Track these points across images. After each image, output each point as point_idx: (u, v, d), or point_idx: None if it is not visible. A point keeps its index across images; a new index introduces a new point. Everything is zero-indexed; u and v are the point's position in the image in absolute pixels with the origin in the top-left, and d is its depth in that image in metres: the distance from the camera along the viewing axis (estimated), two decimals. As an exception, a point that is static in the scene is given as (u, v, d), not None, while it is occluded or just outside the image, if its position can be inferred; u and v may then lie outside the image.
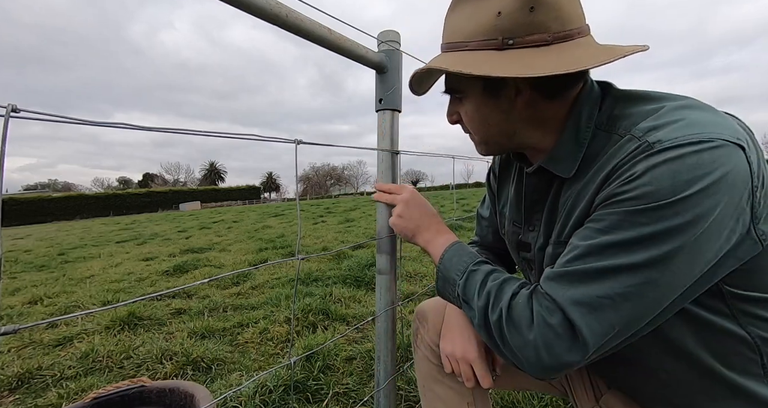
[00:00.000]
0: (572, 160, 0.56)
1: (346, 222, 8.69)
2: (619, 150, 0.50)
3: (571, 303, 0.47)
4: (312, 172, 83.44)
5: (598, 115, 0.56)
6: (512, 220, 0.75)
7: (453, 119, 0.66)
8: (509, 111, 0.58)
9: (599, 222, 0.48)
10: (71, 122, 0.43)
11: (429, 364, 0.80)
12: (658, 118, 0.49)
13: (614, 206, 0.47)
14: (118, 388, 0.92)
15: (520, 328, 0.50)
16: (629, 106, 0.54)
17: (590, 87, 0.58)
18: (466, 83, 0.59)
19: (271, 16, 0.63)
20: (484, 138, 0.63)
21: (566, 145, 0.57)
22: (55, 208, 47.30)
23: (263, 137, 0.67)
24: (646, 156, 0.45)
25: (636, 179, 0.45)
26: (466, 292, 0.60)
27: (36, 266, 5.95)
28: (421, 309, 0.86)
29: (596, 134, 0.55)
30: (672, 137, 0.45)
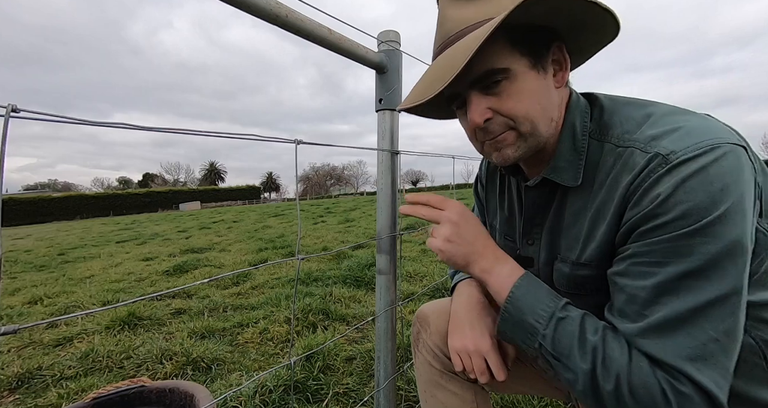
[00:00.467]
0: (575, 169, 0.56)
1: (346, 222, 8.69)
2: (627, 163, 0.49)
3: (686, 361, 0.43)
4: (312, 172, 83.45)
5: (590, 124, 0.57)
6: (504, 233, 0.74)
7: (486, 117, 0.54)
8: (552, 91, 0.56)
9: (650, 254, 0.46)
10: (71, 122, 0.43)
11: (431, 368, 0.79)
12: (653, 126, 0.50)
13: (658, 233, 0.45)
14: (118, 388, 0.92)
15: (649, 401, 0.44)
16: (616, 114, 0.55)
17: (576, 97, 0.59)
18: (512, 59, 0.51)
19: (271, 16, 0.63)
20: (533, 127, 0.54)
21: (566, 154, 0.56)
22: (55, 208, 47.31)
23: (263, 137, 0.67)
24: (668, 170, 0.45)
25: (668, 198, 0.44)
26: (557, 347, 0.50)
27: (36, 266, 5.95)
28: (423, 312, 0.85)
29: (591, 144, 0.56)
30: (683, 147, 0.45)
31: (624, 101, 0.57)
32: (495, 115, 0.54)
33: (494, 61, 0.51)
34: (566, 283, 0.60)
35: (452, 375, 0.78)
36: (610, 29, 0.52)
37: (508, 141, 0.55)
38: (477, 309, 0.71)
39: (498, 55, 0.51)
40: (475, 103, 0.54)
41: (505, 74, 0.51)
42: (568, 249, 0.59)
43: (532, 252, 0.66)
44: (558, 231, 0.61)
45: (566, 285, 0.60)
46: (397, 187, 0.98)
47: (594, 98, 0.59)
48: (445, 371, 0.78)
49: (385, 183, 0.96)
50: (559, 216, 0.60)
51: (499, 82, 0.52)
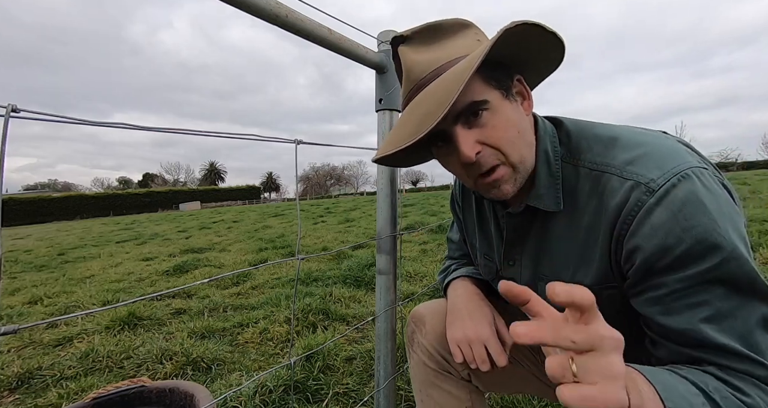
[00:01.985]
0: (554, 194, 0.58)
1: (346, 222, 8.69)
2: (606, 188, 0.53)
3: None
4: (312, 172, 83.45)
5: (559, 148, 0.60)
6: (483, 252, 0.76)
7: (477, 150, 0.54)
8: (524, 117, 0.58)
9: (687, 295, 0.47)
10: (71, 122, 0.43)
11: (426, 369, 0.79)
12: (622, 149, 0.54)
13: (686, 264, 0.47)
14: (118, 388, 0.92)
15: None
16: (583, 137, 0.59)
17: (542, 123, 0.62)
18: (487, 92, 0.54)
19: (271, 16, 0.63)
20: (520, 155, 0.56)
21: (544, 180, 0.59)
22: (55, 208, 47.32)
23: (263, 137, 0.67)
24: (657, 201, 0.48)
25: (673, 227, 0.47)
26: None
27: (36, 266, 5.95)
28: (417, 312, 0.85)
29: (565, 167, 0.58)
30: (660, 174, 0.49)
31: (586, 124, 0.61)
32: (483, 147, 0.54)
33: (473, 94, 0.52)
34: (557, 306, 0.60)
35: (447, 375, 0.78)
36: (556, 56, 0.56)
37: (505, 177, 0.56)
38: (475, 300, 0.74)
39: (476, 88, 0.53)
40: (463, 137, 0.53)
41: (486, 106, 0.53)
42: (556, 271, 0.61)
43: (513, 272, 0.68)
44: (540, 253, 0.63)
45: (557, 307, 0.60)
46: (397, 187, 0.98)
47: (558, 122, 0.62)
48: (440, 371, 0.78)
49: (385, 183, 0.96)
50: (542, 239, 0.62)
51: (480, 114, 0.53)
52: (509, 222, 0.66)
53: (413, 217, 8.02)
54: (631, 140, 0.55)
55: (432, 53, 0.56)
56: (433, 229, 5.38)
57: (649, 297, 0.51)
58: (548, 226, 0.61)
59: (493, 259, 0.73)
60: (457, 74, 0.49)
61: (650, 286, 0.50)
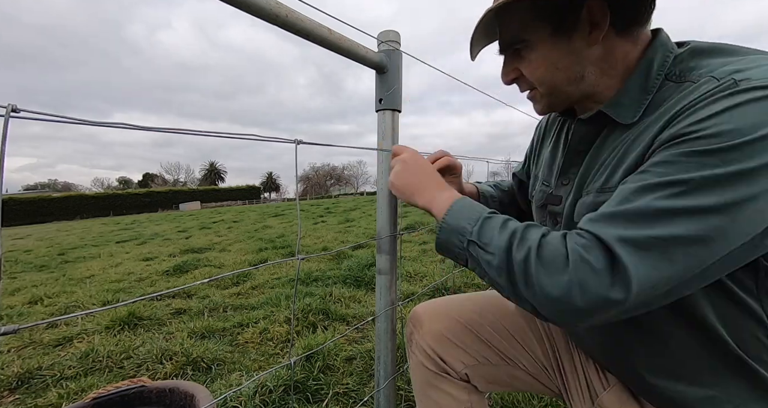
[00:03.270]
0: (636, 107, 0.53)
1: (346, 222, 8.69)
2: (693, 91, 0.46)
3: (617, 240, 0.41)
4: (312, 172, 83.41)
5: (671, 66, 0.53)
6: (542, 180, 0.74)
7: (510, 78, 0.63)
8: (581, 51, 0.56)
9: (659, 165, 0.43)
10: (71, 122, 0.43)
11: (424, 370, 0.79)
12: (741, 62, 0.46)
13: (679, 146, 0.42)
14: (118, 388, 0.92)
15: (551, 266, 0.44)
16: (707, 57, 0.51)
17: (666, 38, 0.56)
18: (532, 29, 0.56)
19: (271, 16, 0.63)
20: (550, 88, 0.59)
21: (632, 92, 0.54)
22: (55, 208, 47.29)
23: (263, 137, 0.67)
24: (730, 94, 0.42)
25: (712, 117, 0.41)
26: (481, 235, 0.53)
27: (36, 266, 5.95)
28: (416, 312, 0.85)
29: (664, 85, 0.53)
30: (763, 76, 0.42)
31: (723, 46, 0.52)
32: (520, 75, 0.62)
33: (514, 31, 0.58)
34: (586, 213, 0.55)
35: (446, 376, 0.77)
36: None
37: (536, 98, 0.64)
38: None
39: (518, 26, 0.57)
40: (505, 64, 0.63)
41: (524, 44, 0.58)
42: (596, 180, 0.57)
43: (564, 192, 0.65)
44: (593, 167, 0.59)
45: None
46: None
47: (687, 43, 0.56)
48: (438, 372, 0.78)
49: (385, 183, 0.96)
50: (599, 152, 0.59)
51: (521, 49, 0.59)
52: (577, 131, 0.63)
53: (413, 217, 8.02)
54: (759, 58, 0.46)
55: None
56: (433, 229, 5.37)
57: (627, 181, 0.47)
58: (607, 140, 0.57)
59: (549, 184, 0.71)
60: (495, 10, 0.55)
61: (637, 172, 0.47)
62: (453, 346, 0.78)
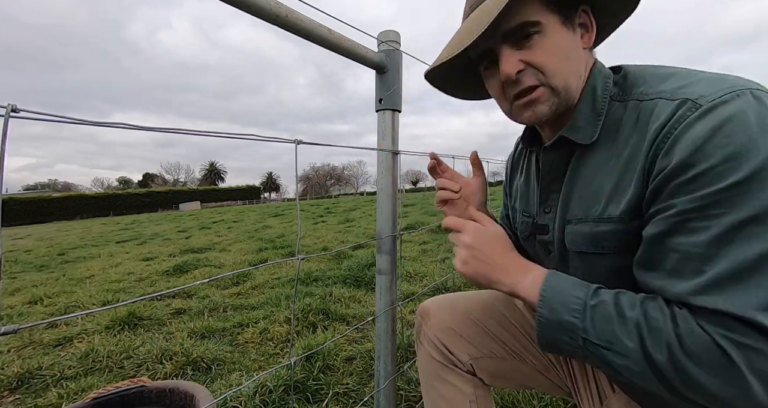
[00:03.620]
0: (592, 128, 0.56)
1: (346, 222, 8.69)
2: (653, 112, 0.48)
3: (758, 309, 0.39)
4: (312, 172, 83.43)
5: (612, 88, 0.57)
6: (522, 210, 0.74)
7: (519, 68, 0.54)
8: (581, 50, 0.57)
9: (701, 209, 0.42)
10: (71, 122, 0.43)
11: (432, 361, 0.80)
12: (678, 79, 0.49)
13: (703, 182, 0.42)
14: (118, 388, 0.92)
15: (712, 364, 0.40)
16: (639, 75, 0.55)
17: (601, 66, 0.59)
18: (544, 14, 0.53)
19: (271, 16, 0.63)
20: (564, 80, 0.55)
21: (584, 114, 0.57)
22: (55, 208, 47.31)
23: (263, 137, 0.67)
24: (700, 115, 0.43)
25: (705, 143, 0.42)
26: (601, 335, 0.46)
27: (36, 266, 5.95)
28: (425, 306, 0.87)
29: (612, 105, 0.56)
30: (712, 91, 0.44)
31: (651, 66, 0.57)
32: (527, 67, 0.54)
33: (527, 14, 0.52)
34: (584, 243, 0.58)
35: (453, 368, 0.79)
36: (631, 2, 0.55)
37: (543, 98, 0.56)
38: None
39: (530, 8, 0.52)
40: (507, 56, 0.54)
41: (538, 28, 0.53)
42: (587, 208, 0.57)
43: (548, 220, 0.65)
44: (574, 193, 0.60)
45: (583, 244, 0.58)
46: (397, 187, 0.98)
47: (619, 68, 0.60)
48: (446, 364, 0.79)
49: (385, 183, 0.96)
50: (576, 177, 0.59)
51: (531, 36, 0.53)
52: (545, 161, 0.64)
53: (413, 217, 8.02)
54: (693, 73, 0.50)
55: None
56: (433, 229, 5.38)
57: (655, 221, 0.46)
58: (585, 163, 0.58)
59: (531, 214, 0.71)
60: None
61: (660, 209, 0.46)
62: (459, 338, 0.79)
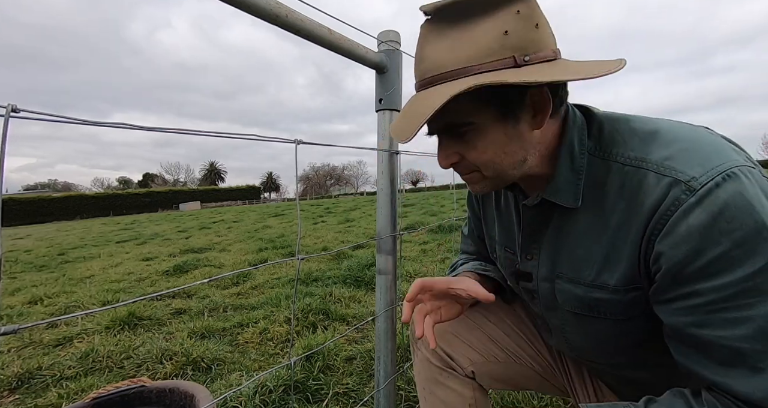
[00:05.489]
0: (574, 190, 0.56)
1: (346, 222, 8.69)
2: (642, 186, 0.49)
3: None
4: (312, 172, 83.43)
5: (588, 141, 0.56)
6: (504, 245, 0.74)
7: (451, 161, 0.58)
8: (525, 135, 0.54)
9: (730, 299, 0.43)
10: (71, 122, 0.43)
11: (430, 365, 0.79)
12: (660, 145, 0.50)
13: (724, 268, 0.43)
14: (118, 388, 0.92)
15: None
16: (616, 130, 0.55)
17: (573, 114, 0.58)
18: (477, 112, 0.52)
19: (271, 16, 0.63)
20: (496, 172, 0.56)
21: (564, 175, 0.56)
22: (55, 208, 47.32)
23: (263, 137, 0.67)
24: (698, 201, 0.44)
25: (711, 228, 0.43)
26: None
27: (36, 266, 5.95)
28: None
29: (591, 161, 0.55)
30: (702, 172, 0.45)
31: (622, 116, 0.57)
32: (461, 158, 0.57)
33: (457, 116, 0.52)
34: (578, 305, 0.59)
35: (451, 372, 0.78)
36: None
37: (475, 179, 0.59)
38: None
39: (463, 109, 0.52)
40: (444, 147, 0.58)
41: (471, 126, 0.53)
42: (576, 270, 0.58)
43: (530, 267, 0.66)
44: (559, 249, 0.60)
45: (578, 306, 0.60)
46: (397, 187, 0.98)
47: (590, 114, 0.59)
48: (444, 368, 0.78)
49: (385, 183, 0.96)
50: (560, 235, 0.60)
51: (465, 132, 0.54)
52: (526, 214, 0.64)
53: (413, 217, 8.02)
54: (671, 134, 0.51)
55: (445, 47, 0.51)
56: (433, 229, 5.38)
57: (681, 306, 0.47)
58: (568, 222, 0.58)
59: (514, 251, 0.71)
60: (434, 102, 0.48)
61: (681, 295, 0.47)
62: (460, 342, 0.78)
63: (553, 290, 0.62)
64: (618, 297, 0.54)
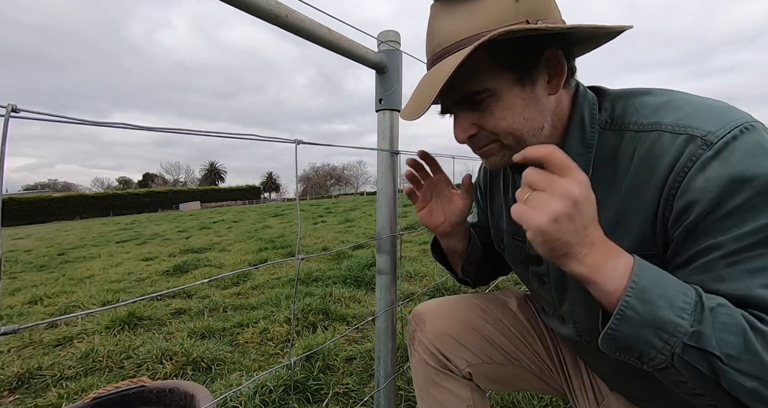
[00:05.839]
0: (584, 162, 0.55)
1: (346, 222, 8.69)
2: (656, 145, 0.48)
3: None
4: (312, 172, 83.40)
5: (599, 116, 0.56)
6: (512, 233, 0.72)
7: (469, 133, 0.56)
8: (542, 100, 0.54)
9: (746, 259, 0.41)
10: (71, 122, 0.43)
11: (427, 367, 0.79)
12: (674, 109, 0.49)
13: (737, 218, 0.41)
14: (118, 388, 0.92)
15: None
16: (629, 103, 0.54)
17: (584, 91, 0.58)
18: (494, 77, 0.51)
19: (271, 16, 0.63)
20: (516, 140, 0.54)
21: (575, 148, 0.55)
22: (55, 208, 47.32)
23: (263, 137, 0.67)
24: (715, 153, 0.43)
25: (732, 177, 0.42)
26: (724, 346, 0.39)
27: (36, 266, 5.95)
28: (418, 311, 0.85)
29: (603, 134, 0.55)
30: (718, 127, 0.44)
31: (634, 90, 0.57)
32: (479, 130, 0.56)
33: (473, 83, 0.52)
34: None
35: (449, 373, 0.78)
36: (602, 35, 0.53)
37: (493, 151, 0.57)
38: None
39: (478, 76, 0.51)
40: (460, 119, 0.56)
41: (487, 93, 0.52)
42: None
43: None
44: None
45: None
46: (397, 187, 0.98)
47: (601, 90, 0.59)
48: (441, 369, 0.78)
49: (385, 183, 0.96)
50: None
51: (483, 101, 0.53)
52: None
53: (413, 217, 8.02)
54: (683, 100, 0.50)
55: (456, 19, 0.52)
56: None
57: (699, 264, 0.44)
58: None
59: (522, 238, 0.69)
60: (451, 66, 0.47)
61: (700, 252, 0.44)
62: (457, 344, 0.78)
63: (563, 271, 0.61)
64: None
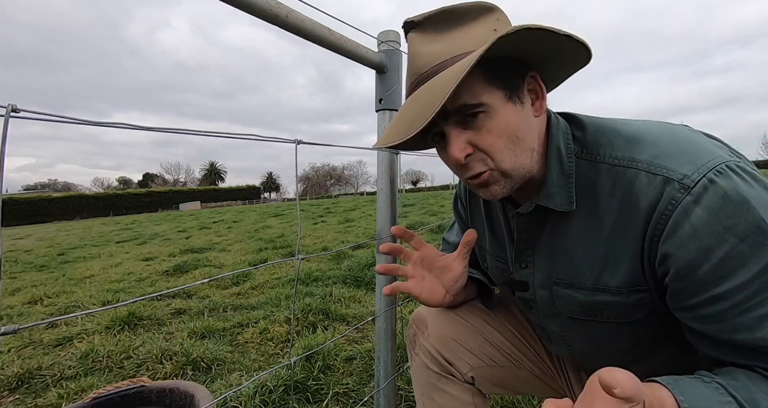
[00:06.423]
0: (566, 193, 0.55)
1: (346, 222, 8.69)
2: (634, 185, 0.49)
3: None
4: (312, 172, 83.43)
5: (573, 144, 0.56)
6: (494, 254, 0.73)
7: (467, 152, 0.52)
8: (531, 120, 0.54)
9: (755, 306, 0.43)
10: (71, 122, 0.43)
11: (428, 371, 0.79)
12: (647, 145, 0.51)
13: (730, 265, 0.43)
14: (118, 388, 0.92)
15: None
16: (600, 132, 0.55)
17: (555, 119, 0.58)
18: (488, 93, 0.51)
19: (271, 16, 0.63)
20: (513, 163, 0.53)
21: (556, 179, 0.56)
22: (55, 208, 47.32)
23: (263, 137, 0.67)
24: (695, 200, 0.45)
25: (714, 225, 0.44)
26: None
27: (36, 266, 5.95)
28: (419, 314, 0.84)
29: (579, 164, 0.56)
30: (693, 170, 0.46)
31: (604, 119, 0.58)
32: (475, 150, 0.53)
33: (470, 96, 0.50)
34: (579, 310, 0.59)
35: (450, 377, 0.77)
36: (582, 56, 0.52)
37: (492, 180, 0.54)
38: None
39: (473, 89, 0.50)
40: (455, 137, 0.52)
41: (482, 109, 0.51)
42: (575, 274, 0.57)
43: (525, 275, 0.65)
44: (555, 255, 0.59)
45: (579, 312, 0.59)
46: (397, 187, 0.98)
47: (571, 117, 0.60)
48: (443, 374, 0.78)
49: (385, 183, 0.96)
50: (555, 240, 0.59)
51: (477, 116, 0.51)
52: (520, 222, 0.62)
53: (413, 217, 8.02)
54: (654, 134, 0.52)
55: (440, 44, 0.53)
56: (433, 229, 5.38)
57: (708, 314, 0.46)
58: (563, 227, 0.57)
59: (505, 261, 0.70)
60: (454, 74, 0.46)
61: (704, 301, 0.46)
62: (459, 348, 0.77)
63: (552, 297, 0.61)
64: (621, 299, 0.54)
